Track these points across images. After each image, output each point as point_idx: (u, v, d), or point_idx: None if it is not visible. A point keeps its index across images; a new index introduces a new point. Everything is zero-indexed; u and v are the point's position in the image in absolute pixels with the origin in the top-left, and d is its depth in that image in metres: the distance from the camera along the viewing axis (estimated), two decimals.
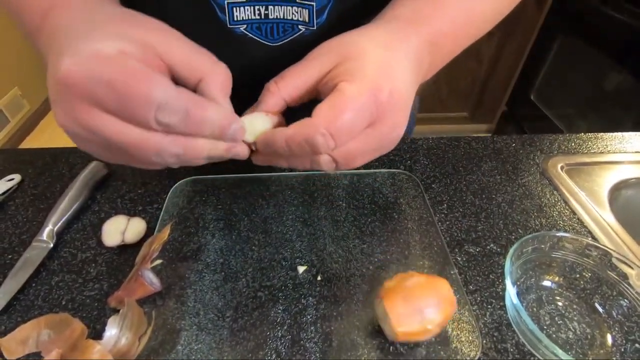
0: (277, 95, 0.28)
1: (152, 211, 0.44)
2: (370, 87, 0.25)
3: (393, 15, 0.30)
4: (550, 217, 0.44)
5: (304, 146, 0.25)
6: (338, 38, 0.29)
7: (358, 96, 0.25)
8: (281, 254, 0.39)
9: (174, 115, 0.22)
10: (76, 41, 0.22)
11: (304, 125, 0.25)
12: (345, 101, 0.25)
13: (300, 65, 0.28)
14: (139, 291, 0.33)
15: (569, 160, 0.52)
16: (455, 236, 0.42)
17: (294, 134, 0.25)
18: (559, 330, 0.34)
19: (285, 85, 0.28)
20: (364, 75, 0.25)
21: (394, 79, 0.26)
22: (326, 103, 0.25)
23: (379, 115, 0.26)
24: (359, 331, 0.33)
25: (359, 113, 0.25)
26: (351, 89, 0.25)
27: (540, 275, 0.37)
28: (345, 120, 0.25)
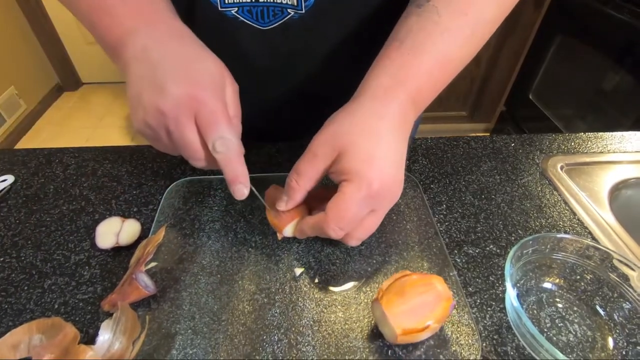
0: (301, 190, 0.35)
1: (147, 212, 0.43)
2: (364, 183, 0.31)
3: (373, 88, 0.34)
4: (550, 218, 0.44)
5: (320, 233, 0.35)
6: (332, 128, 0.34)
7: (356, 193, 0.31)
8: (278, 256, 0.39)
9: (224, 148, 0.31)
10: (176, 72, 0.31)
11: (321, 219, 0.33)
12: (346, 201, 0.32)
13: (307, 161, 0.34)
14: (133, 295, 0.33)
15: (569, 160, 0.51)
16: (454, 237, 0.41)
17: (315, 224, 0.34)
18: (560, 332, 0.33)
19: (303, 181, 0.35)
20: (357, 173, 0.31)
21: (382, 167, 0.32)
22: (333, 202, 0.32)
23: (377, 201, 0.33)
24: (357, 334, 0.33)
25: (359, 210, 0.32)
26: (349, 190, 0.32)
27: (540, 277, 0.36)
28: (348, 216, 0.32)
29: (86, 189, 0.46)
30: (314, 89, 0.50)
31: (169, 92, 0.30)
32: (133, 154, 0.51)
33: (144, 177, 0.48)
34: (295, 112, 0.54)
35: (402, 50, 0.35)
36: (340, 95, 0.38)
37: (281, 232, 0.38)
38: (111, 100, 2.30)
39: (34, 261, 0.38)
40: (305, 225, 0.36)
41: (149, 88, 0.31)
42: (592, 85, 1.44)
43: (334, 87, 0.44)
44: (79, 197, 0.45)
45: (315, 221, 0.34)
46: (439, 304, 0.30)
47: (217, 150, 0.31)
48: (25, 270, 0.37)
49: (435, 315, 0.29)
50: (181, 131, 0.31)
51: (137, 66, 0.32)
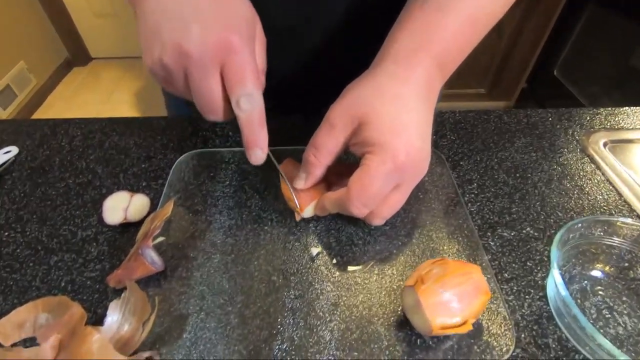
0: (320, 165, 0.33)
1: (157, 187, 0.41)
2: (389, 155, 0.28)
3: (395, 51, 0.31)
4: (593, 199, 0.40)
5: (343, 210, 0.32)
6: (351, 95, 0.31)
7: (381, 167, 0.28)
8: (295, 235, 0.36)
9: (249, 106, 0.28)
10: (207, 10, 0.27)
11: (340, 197, 0.31)
12: (370, 175, 0.29)
13: (325, 133, 0.31)
14: (139, 270, 0.31)
15: (613, 136, 0.47)
16: (487, 219, 0.38)
17: (337, 200, 0.32)
18: (607, 324, 0.30)
19: (322, 155, 0.32)
20: (384, 146, 0.29)
21: (408, 137, 0.29)
22: (356, 176, 0.30)
23: (402, 176, 0.30)
24: (383, 321, 0.30)
25: (385, 184, 0.29)
26: (373, 163, 0.29)
27: (585, 263, 0.33)
28: (372, 191, 0.29)
29: (93, 161, 0.44)
30: (332, 54, 0.46)
31: (197, 32, 0.26)
32: (142, 125, 0.48)
33: (153, 149, 0.45)
34: (311, 80, 0.50)
35: (425, 9, 0.31)
36: (359, 64, 0.34)
37: (300, 213, 0.35)
38: (121, 75, 2.27)
39: (40, 236, 0.36)
40: (327, 201, 0.33)
41: (172, 23, 0.27)
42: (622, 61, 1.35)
43: (353, 54, 0.40)
44: (86, 170, 0.43)
45: (337, 197, 0.32)
46: (477, 298, 0.27)
47: (241, 108, 0.28)
48: (31, 246, 0.35)
49: (472, 309, 0.27)
50: (204, 79, 0.27)
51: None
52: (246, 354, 0.28)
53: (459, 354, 0.28)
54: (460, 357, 0.28)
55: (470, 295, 0.27)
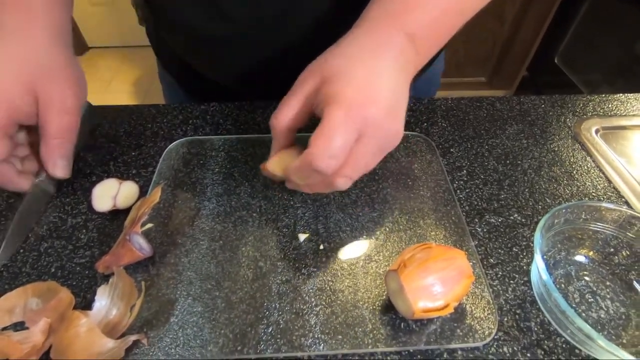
0: (282, 129, 0.31)
1: (147, 175, 0.41)
2: (351, 105, 0.27)
3: (366, 20, 0.31)
4: (582, 185, 0.40)
5: (311, 174, 0.29)
6: (319, 59, 0.30)
7: (341, 117, 0.27)
8: (283, 221, 0.36)
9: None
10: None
11: (304, 157, 0.28)
12: (330, 126, 0.27)
13: (289, 95, 0.31)
14: (127, 256, 0.31)
15: (605, 123, 0.46)
16: (475, 205, 0.38)
17: (300, 166, 0.29)
18: (590, 308, 0.30)
19: (281, 114, 0.31)
20: (344, 96, 0.27)
21: (376, 92, 0.27)
22: (317, 132, 0.27)
23: (364, 125, 0.27)
24: (367, 305, 0.31)
25: (346, 132, 0.27)
26: (333, 112, 0.27)
27: (570, 249, 0.33)
28: (336, 143, 0.27)
29: (82, 149, 0.44)
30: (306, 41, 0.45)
31: None
32: (132, 114, 0.48)
33: (143, 138, 0.45)
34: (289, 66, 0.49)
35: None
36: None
37: (266, 169, 0.35)
38: (118, 64, 2.25)
39: (29, 223, 0.36)
40: (292, 171, 0.31)
41: None
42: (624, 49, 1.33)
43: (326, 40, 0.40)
44: (76, 157, 0.43)
45: (301, 161, 0.29)
46: (460, 282, 0.27)
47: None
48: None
49: (454, 293, 0.27)
50: None
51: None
52: (232, 338, 0.29)
53: (442, 337, 0.29)
54: (443, 340, 0.29)
55: (453, 280, 0.27)
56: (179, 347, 0.28)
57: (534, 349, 0.28)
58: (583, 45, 1.55)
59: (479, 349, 0.28)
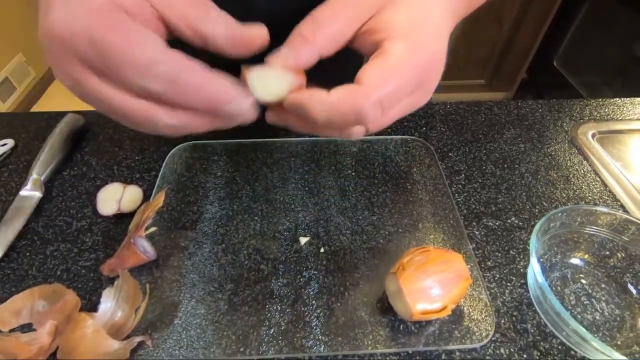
0: (314, 47, 0.22)
1: (150, 179, 0.41)
2: (416, 47, 0.22)
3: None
4: (579, 189, 0.41)
5: (348, 117, 0.21)
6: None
7: (407, 59, 0.21)
8: (284, 225, 0.37)
9: (158, 82, 0.19)
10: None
11: (353, 92, 0.21)
12: (395, 66, 0.21)
13: (336, 6, 0.23)
14: (132, 259, 0.32)
15: (602, 127, 0.47)
16: (473, 209, 0.39)
17: (340, 103, 0.21)
18: (585, 310, 0.31)
19: (323, 34, 0.22)
20: (409, 30, 0.22)
21: (434, 39, 0.23)
22: (375, 67, 0.21)
23: (420, 83, 0.23)
24: (367, 308, 0.31)
25: (408, 80, 0.22)
26: (398, 50, 0.21)
27: (566, 252, 0.34)
28: (395, 87, 0.21)
29: (87, 154, 0.44)
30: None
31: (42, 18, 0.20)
32: None
33: (146, 142, 0.46)
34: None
35: None
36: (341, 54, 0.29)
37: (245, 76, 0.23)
38: None
39: (36, 227, 0.37)
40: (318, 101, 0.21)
41: None
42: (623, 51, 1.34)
43: None
44: (80, 162, 0.43)
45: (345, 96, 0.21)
46: (458, 284, 0.28)
47: (144, 89, 0.19)
48: (27, 236, 0.36)
49: (452, 295, 0.28)
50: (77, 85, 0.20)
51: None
52: (235, 339, 0.29)
53: (440, 338, 0.29)
54: (441, 342, 0.29)
55: (451, 282, 0.28)
56: (183, 349, 0.29)
57: (530, 351, 0.29)
58: (582, 47, 1.56)
59: (477, 350, 0.29)
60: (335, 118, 0.21)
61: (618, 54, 1.38)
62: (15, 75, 1.87)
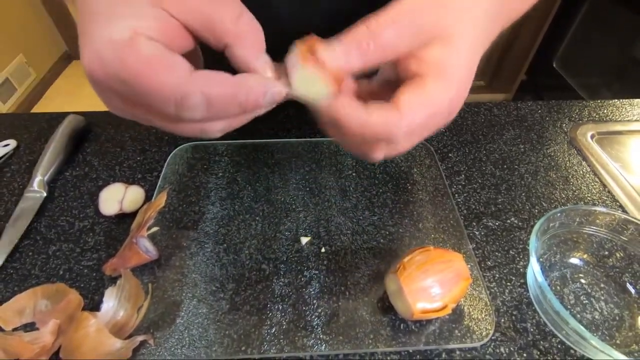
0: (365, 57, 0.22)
1: (152, 179, 0.42)
2: (453, 93, 0.23)
3: None
4: (578, 190, 0.41)
5: (380, 137, 0.22)
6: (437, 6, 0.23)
7: (443, 100, 0.22)
8: (286, 225, 0.37)
9: (194, 112, 0.20)
10: (91, 24, 0.20)
11: (390, 116, 0.21)
12: (432, 102, 0.22)
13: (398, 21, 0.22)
14: (134, 259, 0.32)
15: (601, 128, 0.47)
16: (473, 209, 0.39)
17: (376, 124, 0.21)
18: (584, 310, 0.31)
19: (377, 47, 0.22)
20: (452, 74, 0.23)
21: (469, 73, 0.24)
22: (412, 93, 0.22)
23: (452, 111, 0.24)
24: (368, 307, 0.31)
25: (438, 117, 0.23)
26: (437, 89, 0.22)
27: (565, 252, 0.34)
28: (427, 122, 0.22)
29: (89, 154, 0.45)
30: None
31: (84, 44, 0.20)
32: None
33: (147, 142, 0.46)
34: None
35: None
36: None
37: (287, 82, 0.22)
38: None
39: (38, 227, 0.37)
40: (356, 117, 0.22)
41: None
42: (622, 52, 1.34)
43: None
44: (82, 162, 0.44)
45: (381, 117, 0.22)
46: (458, 284, 0.28)
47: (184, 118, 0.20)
48: (30, 236, 0.37)
49: (452, 294, 0.28)
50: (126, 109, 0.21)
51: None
52: (236, 338, 0.30)
53: (440, 337, 0.30)
54: (441, 341, 0.29)
55: (451, 282, 0.28)
56: (185, 348, 0.29)
57: (530, 349, 0.29)
58: (581, 48, 1.57)
59: (477, 349, 0.29)
60: (367, 136, 0.22)
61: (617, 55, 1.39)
62: (15, 76, 1.87)
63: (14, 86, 1.87)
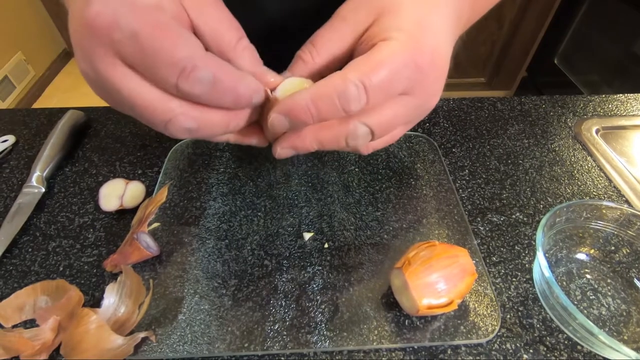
0: (312, 67, 0.24)
1: (152, 175, 0.41)
2: (410, 47, 0.22)
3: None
4: (583, 185, 0.40)
5: (334, 102, 0.21)
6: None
7: (397, 54, 0.21)
8: (288, 220, 0.37)
9: (199, 86, 0.20)
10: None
11: (333, 77, 0.21)
12: (382, 58, 0.21)
13: (331, 28, 0.24)
14: (135, 255, 0.31)
15: (606, 123, 0.47)
16: (477, 204, 0.39)
17: (322, 88, 0.21)
18: (591, 305, 0.31)
19: (319, 54, 0.24)
20: (404, 33, 0.22)
21: (435, 40, 0.23)
22: (361, 58, 0.22)
23: (417, 81, 0.23)
24: (372, 303, 0.31)
25: (397, 73, 0.22)
26: (390, 47, 0.21)
27: (571, 247, 0.34)
28: (381, 76, 0.21)
29: (89, 150, 0.44)
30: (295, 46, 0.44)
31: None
32: None
33: (148, 138, 0.45)
34: None
35: None
36: None
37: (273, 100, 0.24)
38: None
39: (38, 223, 0.37)
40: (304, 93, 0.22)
41: None
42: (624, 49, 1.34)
43: None
44: (82, 158, 0.43)
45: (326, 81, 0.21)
46: (463, 279, 0.28)
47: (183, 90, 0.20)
48: (29, 232, 0.36)
49: (458, 290, 0.27)
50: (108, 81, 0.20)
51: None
52: (239, 335, 0.29)
53: (446, 333, 0.29)
54: (447, 337, 0.29)
55: (456, 277, 0.28)
56: (187, 344, 0.29)
57: (536, 346, 0.29)
58: (582, 45, 1.56)
59: (482, 346, 0.29)
60: (321, 106, 0.21)
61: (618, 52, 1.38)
62: (14, 74, 1.86)
63: (12, 84, 1.86)
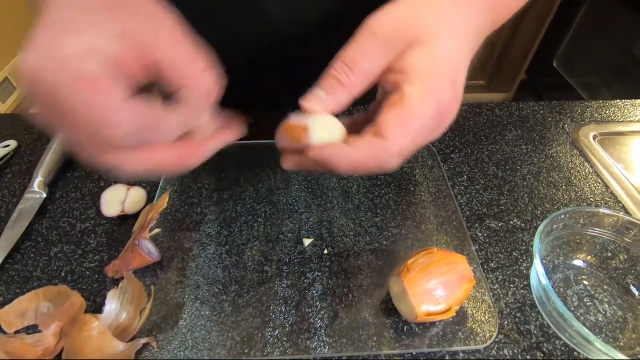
0: (348, 89, 0.23)
1: (154, 181, 0.42)
2: (436, 96, 0.22)
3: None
4: (581, 191, 0.41)
5: (372, 170, 0.23)
6: (401, 10, 0.23)
7: (424, 106, 0.22)
8: (288, 226, 0.37)
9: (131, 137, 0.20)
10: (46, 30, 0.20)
11: (376, 148, 0.22)
12: (414, 114, 0.22)
13: (365, 48, 0.23)
14: (136, 261, 0.32)
15: (603, 129, 0.47)
16: (475, 210, 0.39)
17: (366, 159, 0.22)
18: (588, 312, 0.31)
19: (356, 76, 0.23)
20: (430, 78, 0.22)
21: (457, 82, 0.23)
22: (393, 115, 0.22)
23: (438, 124, 0.23)
24: (371, 309, 0.31)
25: (427, 126, 0.22)
26: (416, 96, 0.22)
27: (568, 253, 0.34)
28: (415, 136, 0.22)
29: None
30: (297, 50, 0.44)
31: None
32: None
33: None
34: (275, 74, 0.47)
35: None
36: (322, 55, 0.28)
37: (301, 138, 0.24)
38: None
39: (40, 228, 0.37)
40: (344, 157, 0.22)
41: None
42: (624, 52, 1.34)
43: (317, 46, 0.35)
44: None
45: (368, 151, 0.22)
46: (462, 286, 0.28)
47: None
48: (31, 238, 0.36)
49: (456, 297, 0.28)
50: None
51: None
52: (240, 341, 0.29)
53: (444, 340, 0.30)
54: (445, 343, 0.29)
55: (455, 284, 0.28)
56: (188, 350, 0.29)
57: (533, 352, 0.29)
58: (581, 48, 1.56)
59: (480, 352, 0.29)
60: (360, 171, 0.23)
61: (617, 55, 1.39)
62: (15, 76, 1.87)
63: (13, 85, 1.86)
